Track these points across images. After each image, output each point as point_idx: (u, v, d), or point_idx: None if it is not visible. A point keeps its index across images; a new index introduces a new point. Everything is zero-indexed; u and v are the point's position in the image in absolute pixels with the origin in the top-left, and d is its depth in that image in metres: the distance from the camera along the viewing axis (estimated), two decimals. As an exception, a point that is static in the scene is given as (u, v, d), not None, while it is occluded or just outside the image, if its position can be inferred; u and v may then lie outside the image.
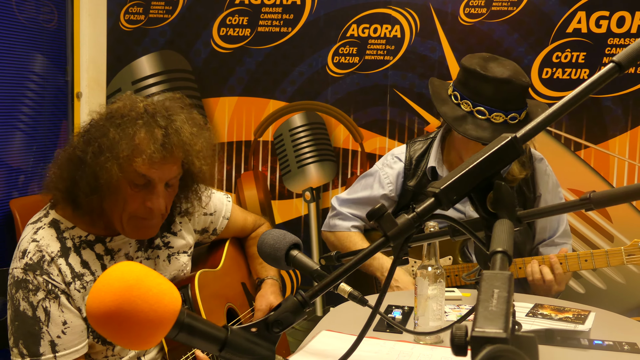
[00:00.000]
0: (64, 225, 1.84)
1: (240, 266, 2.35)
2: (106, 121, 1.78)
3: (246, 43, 3.49)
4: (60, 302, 1.76)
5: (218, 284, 2.15)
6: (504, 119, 2.36)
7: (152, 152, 1.72)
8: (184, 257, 2.09)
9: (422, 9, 3.31)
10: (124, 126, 1.74)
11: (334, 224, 2.76)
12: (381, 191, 2.67)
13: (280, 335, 0.97)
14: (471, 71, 2.40)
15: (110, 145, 1.72)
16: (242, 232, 2.38)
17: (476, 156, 0.97)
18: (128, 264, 0.88)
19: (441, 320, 1.84)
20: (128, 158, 1.71)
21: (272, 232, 1.63)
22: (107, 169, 1.70)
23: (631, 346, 1.82)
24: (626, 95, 3.16)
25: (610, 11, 3.14)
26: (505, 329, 0.66)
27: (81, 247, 1.84)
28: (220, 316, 2.08)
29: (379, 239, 0.99)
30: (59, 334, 1.75)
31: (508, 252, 0.84)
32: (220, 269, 2.20)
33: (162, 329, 0.85)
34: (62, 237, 1.82)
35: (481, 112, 2.38)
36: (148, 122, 1.76)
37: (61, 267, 1.78)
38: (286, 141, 3.52)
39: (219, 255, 2.27)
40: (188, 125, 1.83)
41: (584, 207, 1.14)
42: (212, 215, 2.21)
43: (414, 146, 2.69)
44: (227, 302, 2.15)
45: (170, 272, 2.04)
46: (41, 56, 3.20)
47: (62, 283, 1.77)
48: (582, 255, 2.37)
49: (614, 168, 3.20)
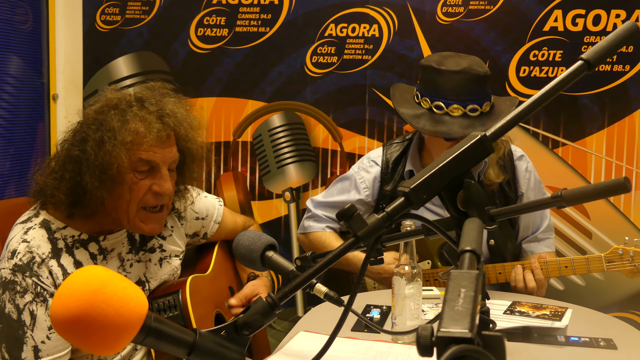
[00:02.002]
0: (55, 225, 1.81)
1: (228, 270, 2.33)
2: (98, 115, 1.78)
3: (224, 43, 3.47)
4: (47, 305, 1.72)
5: (207, 289, 2.12)
6: (463, 111, 2.35)
7: (156, 132, 1.74)
8: (176, 261, 2.07)
9: (400, 8, 3.31)
10: (120, 114, 1.75)
11: (308, 226, 2.74)
12: (357, 196, 2.64)
13: (250, 338, 0.96)
14: (427, 67, 2.41)
15: (112, 134, 1.72)
16: (231, 234, 2.35)
17: (446, 155, 0.97)
18: (93, 267, 0.87)
19: (419, 319, 1.84)
20: (133, 143, 1.72)
21: (247, 233, 1.62)
22: (115, 156, 1.70)
23: (607, 342, 1.83)
24: (603, 92, 3.18)
25: (586, 9, 3.16)
26: (470, 328, 0.66)
27: (74, 247, 1.81)
28: (210, 322, 2.06)
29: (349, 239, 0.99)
30: (44, 339, 1.71)
31: (476, 251, 0.83)
32: (209, 273, 2.18)
33: (127, 333, 0.84)
34: (54, 238, 1.79)
35: (439, 106, 2.37)
36: (141, 108, 1.78)
37: (52, 269, 1.74)
38: (265, 141, 3.51)
39: (208, 259, 2.25)
40: (179, 108, 1.87)
41: (556, 205, 1.14)
42: (204, 220, 2.20)
43: (390, 149, 2.66)
44: (215, 308, 2.12)
45: (161, 276, 2.02)
46: (16, 58, 3.17)
47: (51, 286, 1.74)
48: (562, 262, 2.37)
49: (591, 165, 3.21)
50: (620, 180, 1.06)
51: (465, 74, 2.34)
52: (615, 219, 3.20)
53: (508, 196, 2.54)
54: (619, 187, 1.06)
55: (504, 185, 2.53)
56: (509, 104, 2.47)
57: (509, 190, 2.54)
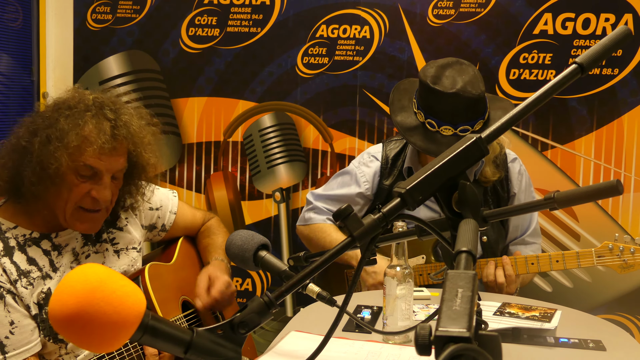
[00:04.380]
0: (5, 225, 1.83)
1: (195, 263, 2.36)
2: (53, 112, 1.79)
3: (215, 43, 3.47)
4: (5, 302, 1.74)
5: (171, 277, 2.16)
6: (453, 132, 2.38)
7: (102, 143, 1.74)
8: (134, 253, 2.09)
9: (391, 9, 3.32)
10: (73, 117, 1.75)
11: (309, 217, 2.76)
12: (357, 189, 2.69)
13: (247, 336, 0.96)
14: (422, 83, 2.41)
15: (60, 135, 1.73)
16: (192, 227, 2.37)
17: (441, 157, 0.98)
18: (91, 265, 0.87)
19: (410, 320, 1.85)
20: (78, 148, 1.73)
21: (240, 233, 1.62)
22: (56, 158, 1.71)
23: (596, 343, 1.84)
24: (591, 96, 3.20)
25: (576, 13, 3.18)
26: (468, 328, 0.67)
27: (26, 244, 1.83)
28: (175, 307, 2.09)
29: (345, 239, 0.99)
30: (7, 334, 1.73)
31: (472, 252, 0.84)
32: (173, 263, 2.21)
33: (125, 331, 0.84)
34: (4, 237, 1.81)
35: (431, 124, 2.41)
36: (97, 114, 1.79)
37: (5, 266, 1.76)
38: (256, 142, 3.51)
39: (171, 251, 2.29)
40: (136, 118, 1.87)
41: (548, 207, 1.15)
42: (159, 210, 2.21)
43: (389, 145, 2.71)
44: (181, 295, 2.15)
45: (119, 266, 2.04)
46: (6, 56, 3.16)
47: (7, 282, 1.75)
48: (554, 256, 2.40)
49: (580, 168, 3.24)
50: (612, 183, 1.07)
51: (458, 98, 2.32)
52: (603, 221, 3.23)
53: (500, 196, 2.60)
54: (611, 190, 1.08)
55: (496, 185, 2.58)
56: (503, 111, 2.47)
57: (501, 190, 2.60)
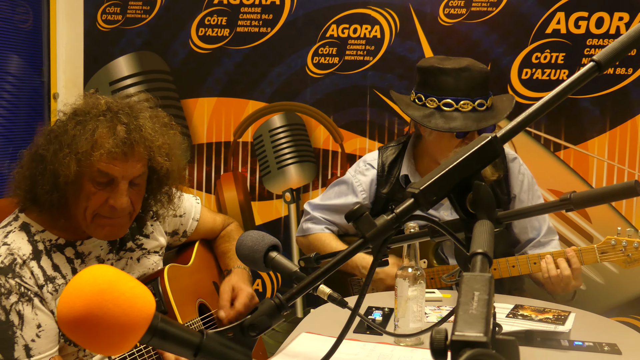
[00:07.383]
0: (35, 228, 1.82)
1: (211, 266, 2.34)
2: (69, 119, 1.77)
3: (225, 43, 3.46)
4: (33, 304, 1.73)
5: (188, 280, 2.14)
6: (472, 105, 2.40)
7: (112, 147, 1.71)
8: (155, 257, 2.09)
9: (401, 9, 3.30)
10: (85, 123, 1.74)
11: (307, 228, 2.76)
12: (354, 199, 2.68)
13: (257, 339, 0.95)
14: (429, 69, 2.46)
15: (70, 141, 1.71)
16: (212, 232, 2.36)
17: (455, 156, 0.96)
18: (100, 267, 0.86)
19: (421, 322, 1.83)
20: (86, 153, 1.70)
21: (250, 234, 1.60)
22: (65, 164, 1.69)
23: (611, 347, 1.82)
24: (604, 96, 3.17)
25: (589, 12, 3.15)
26: (485, 332, 0.65)
27: (52, 250, 1.82)
28: (192, 309, 2.07)
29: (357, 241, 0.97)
30: (34, 337, 1.72)
31: (488, 254, 0.83)
32: (190, 265, 2.20)
33: (134, 334, 0.82)
34: (34, 240, 1.80)
35: (448, 104, 2.41)
36: (110, 118, 1.76)
37: (33, 270, 1.76)
38: (266, 142, 3.49)
39: (188, 253, 2.27)
40: (151, 123, 1.82)
41: (564, 208, 1.13)
42: (182, 217, 2.21)
43: (386, 152, 2.69)
44: (198, 298, 2.14)
45: (139, 270, 2.04)
46: (16, 57, 3.16)
47: (34, 286, 1.75)
48: (556, 254, 2.36)
49: (593, 168, 3.21)
50: (630, 183, 1.05)
51: (471, 71, 2.40)
52: (617, 223, 3.19)
53: (499, 198, 2.56)
54: (629, 191, 1.05)
55: (495, 186, 2.54)
56: (506, 99, 2.53)
57: (500, 191, 2.57)
